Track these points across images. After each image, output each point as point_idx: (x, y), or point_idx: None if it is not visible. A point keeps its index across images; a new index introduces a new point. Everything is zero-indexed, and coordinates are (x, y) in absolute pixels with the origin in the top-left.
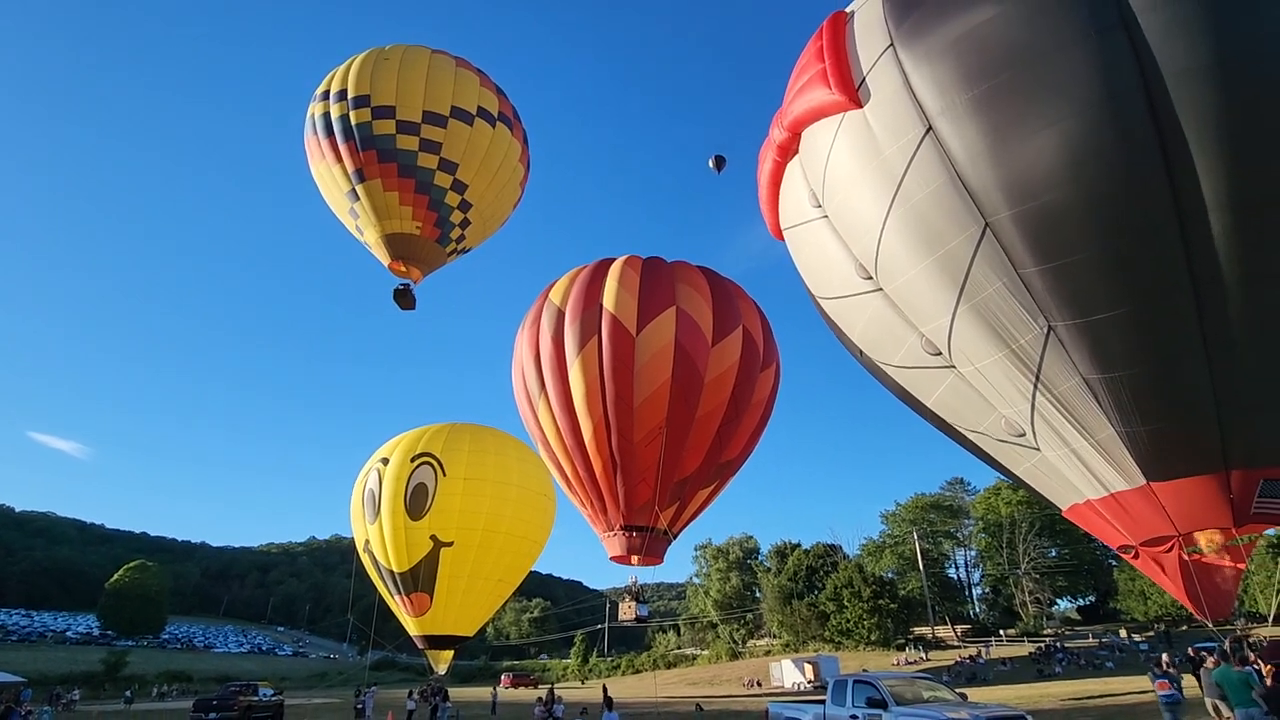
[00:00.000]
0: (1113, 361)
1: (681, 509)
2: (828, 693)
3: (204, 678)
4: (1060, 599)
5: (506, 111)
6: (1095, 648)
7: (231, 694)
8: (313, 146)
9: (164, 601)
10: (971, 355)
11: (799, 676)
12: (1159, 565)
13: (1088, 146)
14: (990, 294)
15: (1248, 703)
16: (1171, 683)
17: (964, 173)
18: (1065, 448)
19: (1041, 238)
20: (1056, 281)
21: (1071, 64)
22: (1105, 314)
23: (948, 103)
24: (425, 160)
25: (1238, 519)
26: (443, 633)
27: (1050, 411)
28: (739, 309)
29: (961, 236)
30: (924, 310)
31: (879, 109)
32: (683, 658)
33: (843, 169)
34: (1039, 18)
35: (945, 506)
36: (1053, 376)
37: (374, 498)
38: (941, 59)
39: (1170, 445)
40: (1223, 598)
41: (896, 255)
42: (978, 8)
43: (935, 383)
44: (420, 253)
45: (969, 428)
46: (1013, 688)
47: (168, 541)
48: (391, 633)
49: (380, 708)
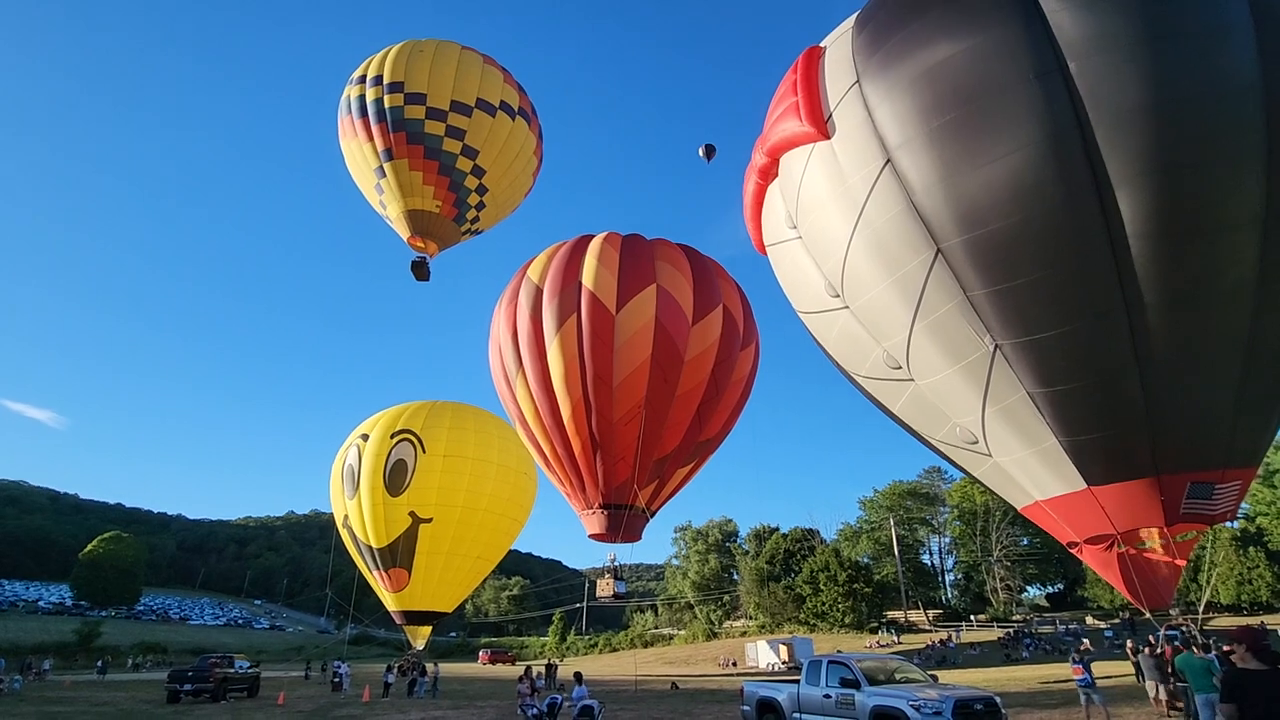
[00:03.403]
0: (1054, 377)
1: (660, 487)
2: (802, 673)
3: (179, 649)
4: (1030, 586)
5: (525, 107)
6: (1061, 634)
7: (208, 666)
8: (346, 125)
9: (139, 573)
10: (927, 369)
11: (774, 657)
12: (1102, 560)
13: (1029, 180)
14: (943, 314)
15: (1208, 688)
16: (1085, 668)
17: (919, 202)
18: (1014, 455)
19: (988, 263)
20: (1002, 303)
21: (1015, 104)
22: (1046, 333)
23: (905, 137)
24: (450, 145)
25: (1169, 519)
26: (421, 608)
27: (999, 422)
28: (719, 288)
29: (916, 260)
30: (885, 327)
31: (845, 141)
32: (660, 637)
33: (813, 194)
34: (987, 61)
35: (922, 494)
36: (1000, 390)
37: (353, 473)
38: (900, 97)
39: (1106, 453)
40: (1160, 590)
41: (860, 276)
42: (934, 49)
43: (898, 393)
44: (438, 230)
45: (930, 434)
46: (981, 671)
47: (143, 513)
48: (370, 608)
49: (357, 681)
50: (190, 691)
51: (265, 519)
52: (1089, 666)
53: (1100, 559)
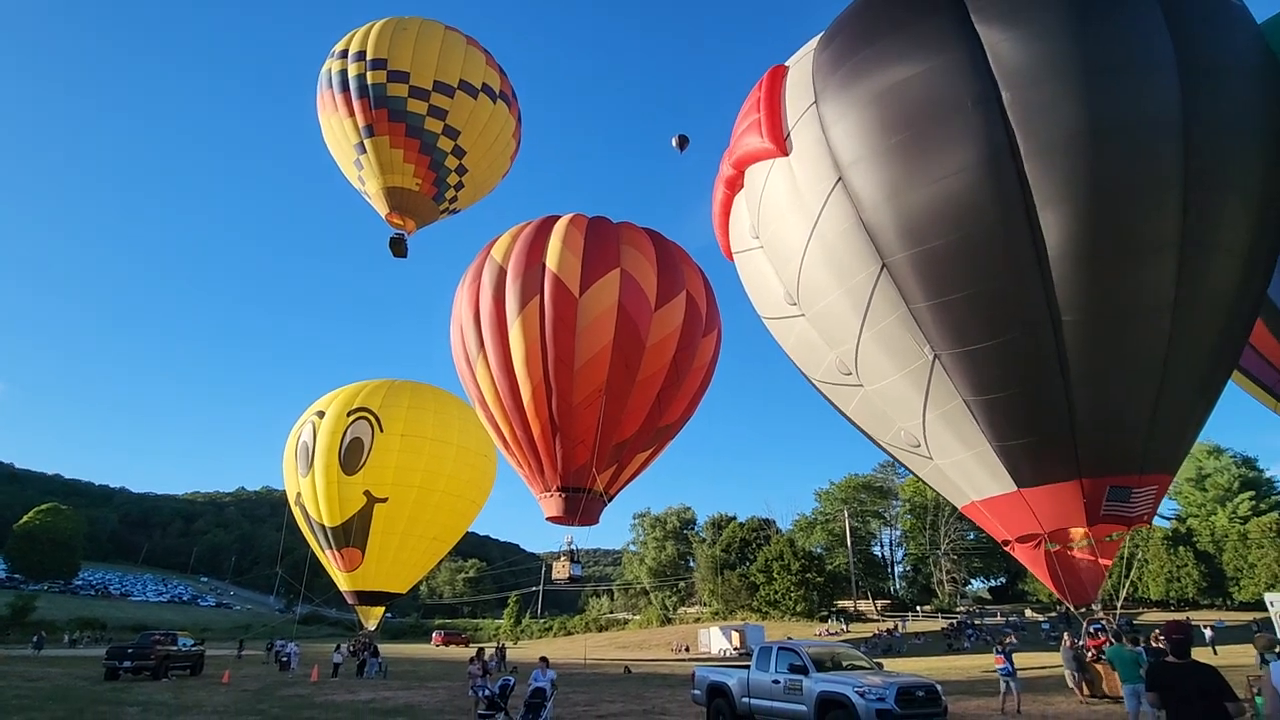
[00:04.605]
0: (986, 386)
1: (619, 472)
2: (753, 658)
3: (119, 626)
4: (974, 579)
5: (506, 90)
6: (1002, 626)
7: (149, 642)
8: (326, 99)
9: (77, 546)
10: (874, 376)
11: (725, 643)
12: (1031, 558)
13: (967, 201)
14: (887, 324)
15: (1135, 679)
16: (1006, 658)
17: (867, 218)
18: (953, 458)
19: (928, 278)
20: (940, 316)
21: (955, 129)
22: (980, 345)
23: (857, 156)
24: (431, 125)
25: (1090, 520)
26: (374, 589)
27: (939, 427)
28: (683, 273)
29: (864, 273)
30: (837, 334)
31: (801, 158)
32: (614, 622)
33: (773, 207)
34: (931, 88)
35: (876, 488)
36: (939, 397)
37: (308, 451)
38: (854, 117)
39: (1034, 458)
40: (1085, 586)
41: (814, 285)
42: (886, 74)
43: (850, 397)
44: (417, 207)
45: (879, 437)
46: (924, 659)
47: (83, 485)
48: (322, 587)
49: (306, 661)
50: (130, 669)
51: (214, 495)
52: (1010, 657)
53: (1030, 556)
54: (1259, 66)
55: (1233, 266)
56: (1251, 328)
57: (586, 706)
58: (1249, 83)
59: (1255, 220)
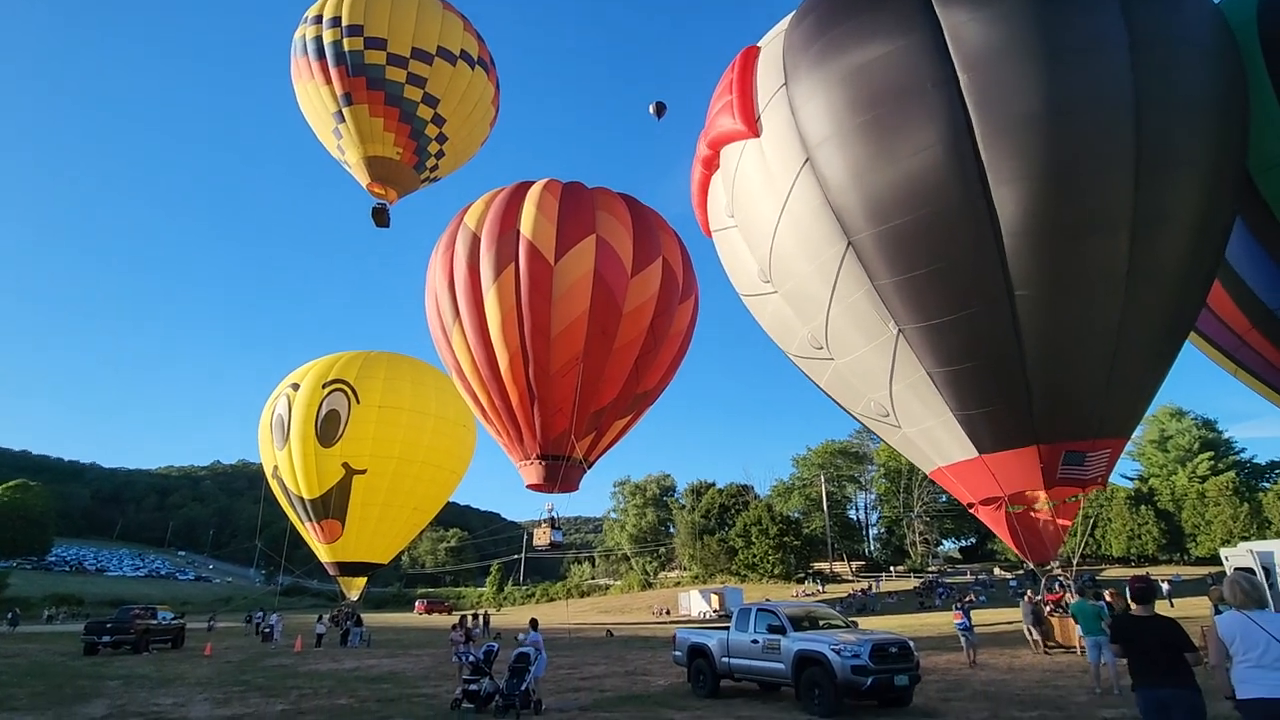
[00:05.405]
0: (948, 358)
1: (598, 439)
2: (732, 620)
3: (97, 601)
4: (946, 539)
5: (485, 57)
6: (972, 584)
7: (129, 617)
8: (301, 67)
9: (49, 523)
10: (844, 350)
11: (705, 606)
12: (994, 519)
13: (928, 181)
14: (854, 300)
15: (1097, 631)
16: (965, 614)
17: (833, 199)
18: (919, 426)
19: (891, 255)
20: (903, 291)
21: (917, 111)
22: (941, 319)
23: (824, 136)
24: (410, 93)
25: (1048, 483)
26: (355, 560)
27: (905, 398)
28: (659, 239)
29: (831, 251)
30: (808, 310)
31: (771, 139)
32: (596, 587)
33: (746, 187)
34: (895, 70)
35: (852, 453)
36: (904, 370)
37: (283, 423)
38: (821, 98)
39: (994, 425)
40: (1045, 546)
41: (785, 263)
42: (852, 55)
43: (822, 370)
44: (398, 177)
45: (850, 407)
46: (897, 617)
47: (52, 461)
48: (302, 559)
49: (289, 632)
50: (109, 644)
51: (189, 469)
52: (968, 614)
53: (992, 518)
54: (1213, 44)
55: (1184, 239)
56: (1205, 297)
57: (570, 669)
58: (1201, 60)
59: (1206, 193)
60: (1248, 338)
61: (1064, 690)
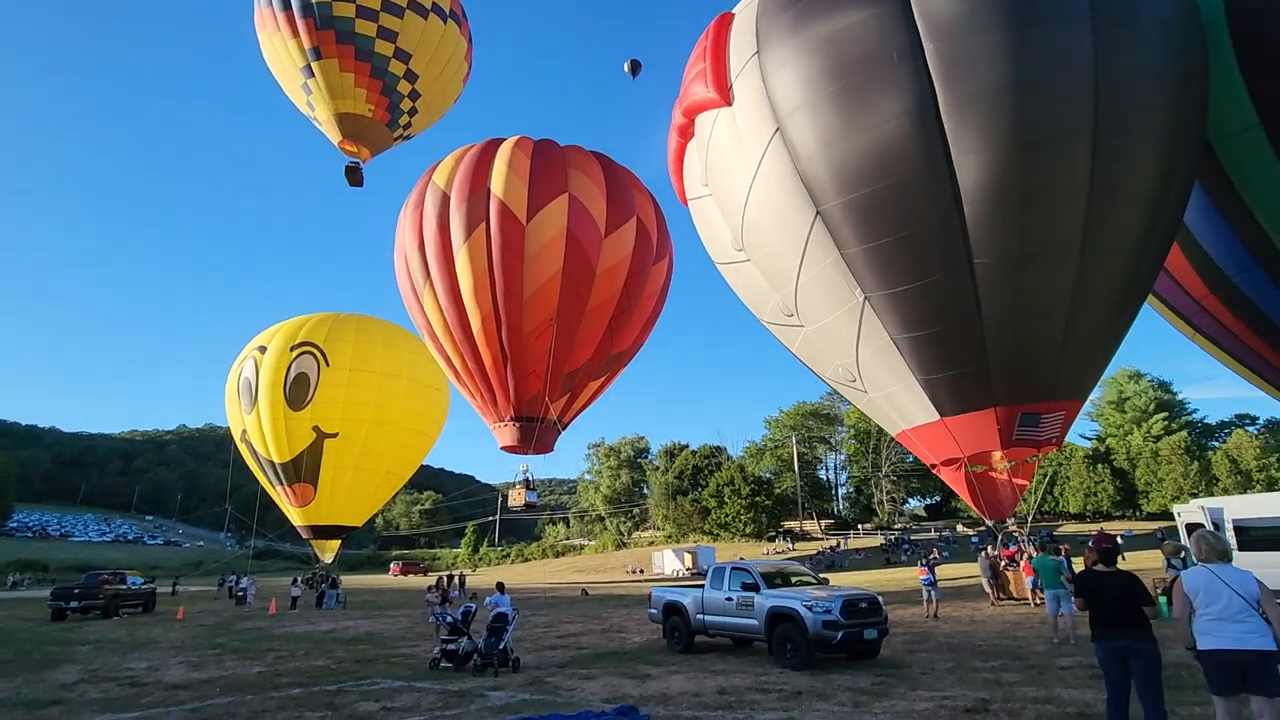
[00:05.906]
0: (911, 324)
1: (572, 400)
2: (706, 578)
3: (62, 567)
4: (912, 498)
5: (456, 10)
6: (935, 539)
7: (98, 581)
8: (266, 18)
9: (10, 489)
10: (813, 316)
11: (678, 564)
12: (954, 479)
13: (893, 151)
14: (822, 268)
15: (1057, 585)
16: (929, 570)
17: (802, 168)
18: (884, 390)
19: (858, 224)
20: (870, 260)
21: (883, 81)
22: (904, 286)
23: (793, 107)
24: (382, 47)
25: (1004, 444)
26: (328, 523)
27: (871, 364)
28: (633, 199)
29: (801, 220)
30: (778, 278)
31: (743, 108)
32: (571, 548)
33: (719, 156)
34: (862, 41)
35: (823, 415)
36: (870, 336)
37: (250, 387)
38: (791, 68)
39: (954, 389)
40: (1002, 504)
41: (757, 232)
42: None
43: (793, 336)
44: (370, 134)
45: (820, 372)
46: (864, 573)
47: (9, 425)
48: (274, 522)
49: (263, 595)
50: (78, 609)
51: (153, 432)
52: (933, 570)
53: (953, 478)
54: (1174, 15)
55: (1140, 209)
56: (1161, 265)
57: (546, 628)
58: (1163, 32)
59: (1163, 163)
60: (1205, 303)
61: (1023, 641)
